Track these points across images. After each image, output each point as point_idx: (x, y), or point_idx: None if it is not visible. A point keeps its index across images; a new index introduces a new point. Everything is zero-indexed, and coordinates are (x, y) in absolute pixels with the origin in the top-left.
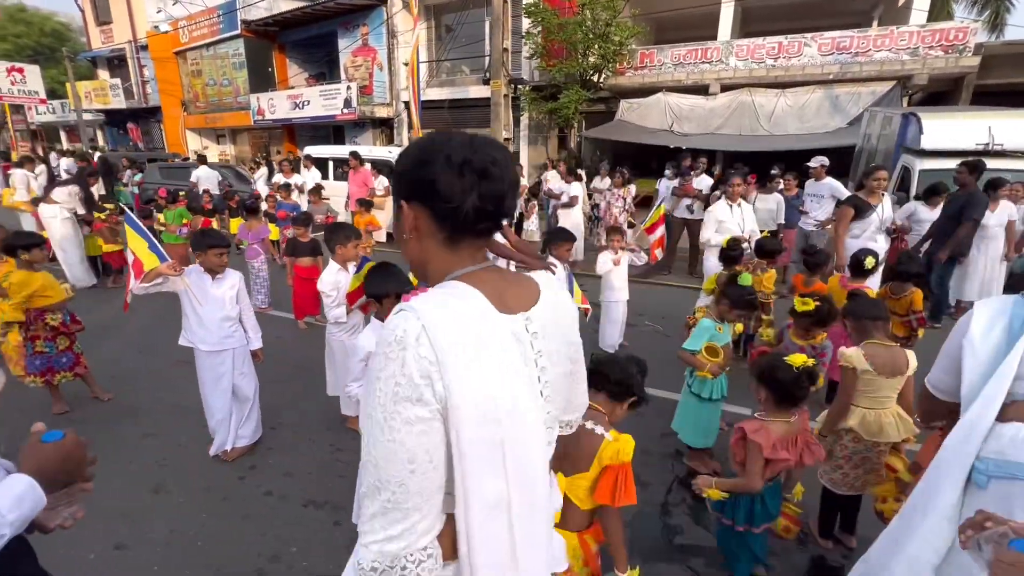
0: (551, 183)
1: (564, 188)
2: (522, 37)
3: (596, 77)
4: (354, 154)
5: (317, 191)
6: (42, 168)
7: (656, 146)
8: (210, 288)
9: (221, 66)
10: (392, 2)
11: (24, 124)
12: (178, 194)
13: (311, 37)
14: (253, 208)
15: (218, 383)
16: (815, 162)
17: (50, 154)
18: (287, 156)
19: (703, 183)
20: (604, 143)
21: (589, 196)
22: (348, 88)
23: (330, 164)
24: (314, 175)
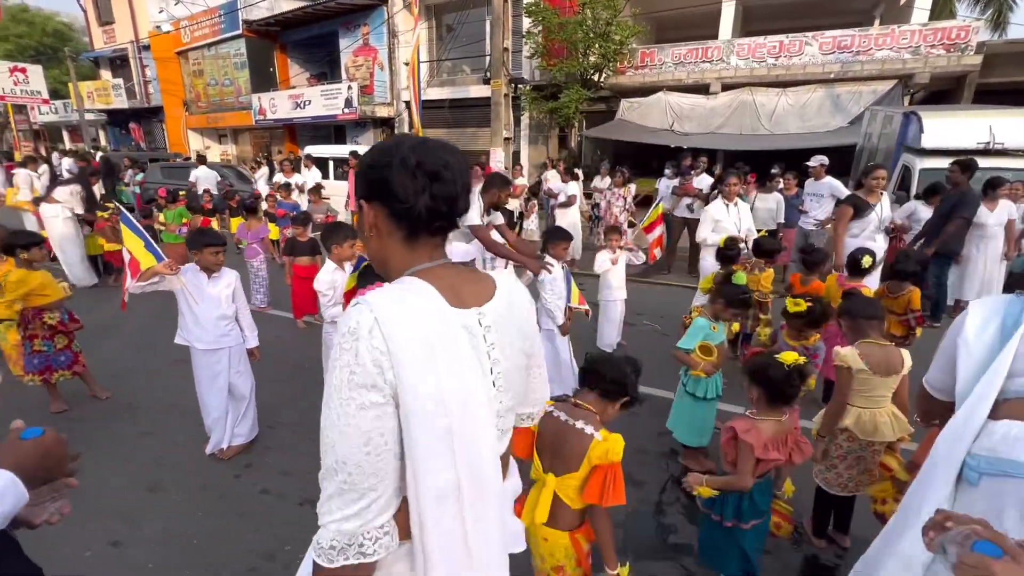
0: (551, 182)
1: (562, 188)
2: (523, 37)
3: (597, 76)
4: (354, 154)
5: (317, 190)
6: (44, 168)
7: (657, 145)
8: (206, 287)
9: (223, 66)
10: (393, 2)
11: (27, 124)
12: (178, 194)
13: (312, 37)
14: (252, 208)
15: (214, 381)
16: (815, 161)
17: (52, 154)
18: (287, 156)
19: (703, 182)
20: (605, 142)
21: (589, 196)
22: (349, 88)
23: (330, 164)
24: (314, 175)
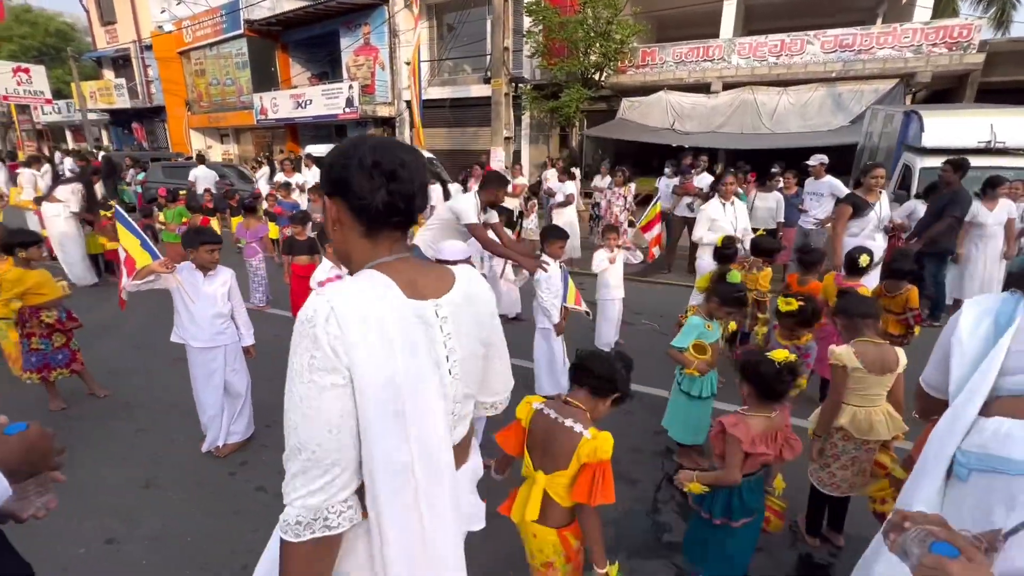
0: (550, 182)
1: (559, 187)
2: (523, 36)
3: (597, 75)
4: None
5: (317, 190)
6: (47, 168)
7: (658, 144)
8: (202, 285)
9: (224, 66)
10: (394, 1)
11: (30, 124)
12: (178, 193)
13: (313, 36)
14: (251, 207)
15: (210, 379)
16: (814, 160)
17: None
18: (288, 155)
19: (704, 181)
20: (606, 142)
21: (589, 195)
22: (350, 87)
23: None
24: (315, 174)
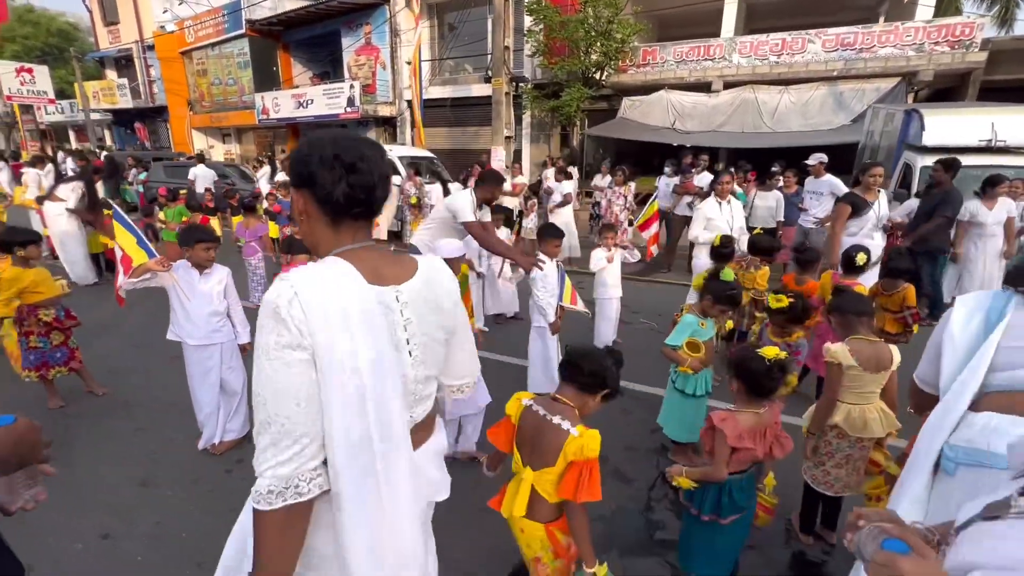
0: (550, 181)
1: (557, 187)
2: (524, 35)
3: (598, 75)
4: None
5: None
6: (50, 167)
7: (659, 144)
8: (197, 283)
9: (226, 65)
10: (395, 1)
11: (34, 124)
12: (178, 192)
13: (315, 36)
14: (250, 206)
15: (206, 377)
16: (814, 159)
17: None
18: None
19: (704, 180)
20: (606, 141)
21: (589, 194)
22: (351, 87)
23: None
24: None
